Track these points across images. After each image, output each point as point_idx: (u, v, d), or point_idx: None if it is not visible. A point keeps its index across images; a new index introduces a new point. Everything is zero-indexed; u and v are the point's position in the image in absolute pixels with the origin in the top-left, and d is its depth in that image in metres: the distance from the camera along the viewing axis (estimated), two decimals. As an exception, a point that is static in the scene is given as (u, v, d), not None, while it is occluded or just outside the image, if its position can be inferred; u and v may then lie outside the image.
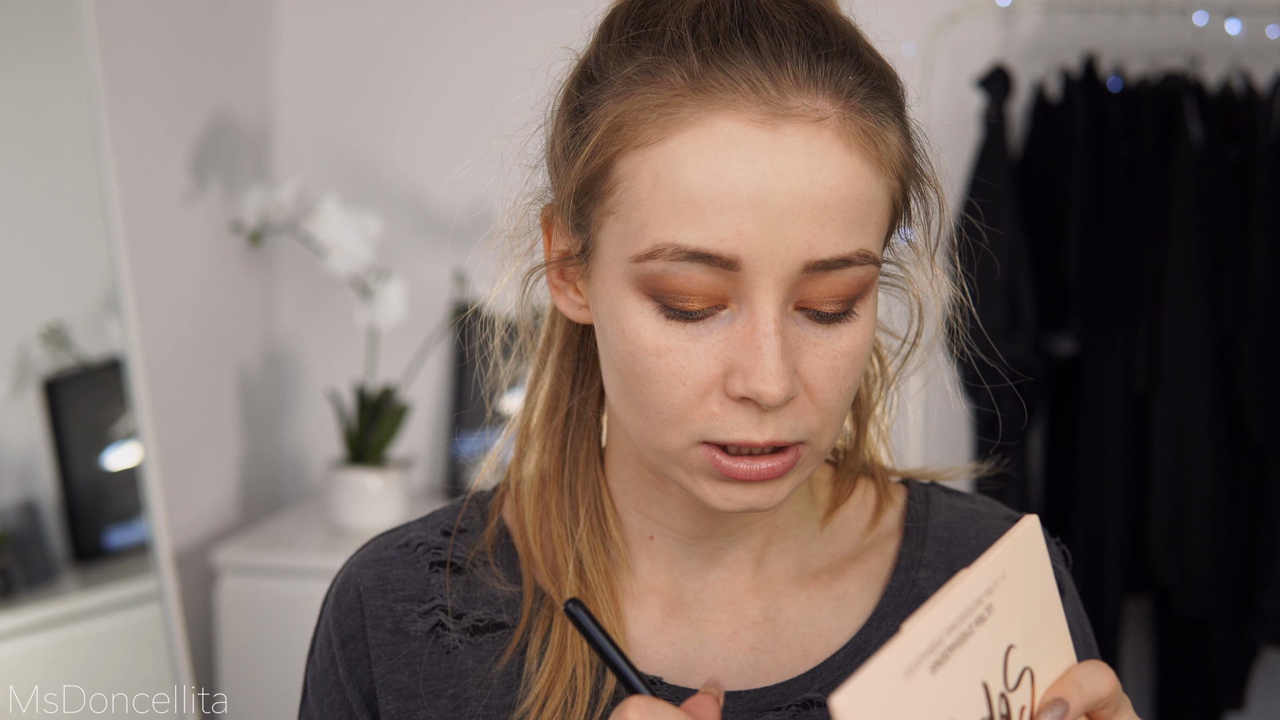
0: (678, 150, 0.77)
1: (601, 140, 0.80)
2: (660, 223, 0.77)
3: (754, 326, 0.78)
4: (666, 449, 0.81)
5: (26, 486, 1.95)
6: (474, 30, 2.68)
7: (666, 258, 0.77)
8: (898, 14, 2.58)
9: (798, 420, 0.80)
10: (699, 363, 0.79)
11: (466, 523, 0.96)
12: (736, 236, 0.76)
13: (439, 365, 2.69)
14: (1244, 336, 2.37)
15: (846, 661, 0.90)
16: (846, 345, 0.80)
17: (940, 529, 0.95)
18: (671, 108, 0.78)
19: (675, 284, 0.78)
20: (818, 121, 0.77)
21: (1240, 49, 2.46)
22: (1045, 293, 2.42)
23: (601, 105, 0.81)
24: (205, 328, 2.47)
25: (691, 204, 0.77)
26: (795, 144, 0.77)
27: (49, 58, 1.98)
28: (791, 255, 0.77)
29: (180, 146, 2.37)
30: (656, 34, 0.80)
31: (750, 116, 0.77)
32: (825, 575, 0.93)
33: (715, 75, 0.77)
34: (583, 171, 0.81)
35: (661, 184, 0.78)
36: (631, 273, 0.79)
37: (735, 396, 0.78)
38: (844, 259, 0.78)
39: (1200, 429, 2.37)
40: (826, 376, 0.80)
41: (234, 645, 2.30)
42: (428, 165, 2.68)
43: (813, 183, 0.76)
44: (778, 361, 0.77)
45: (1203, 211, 2.36)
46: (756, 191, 0.76)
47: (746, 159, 0.76)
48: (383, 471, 2.38)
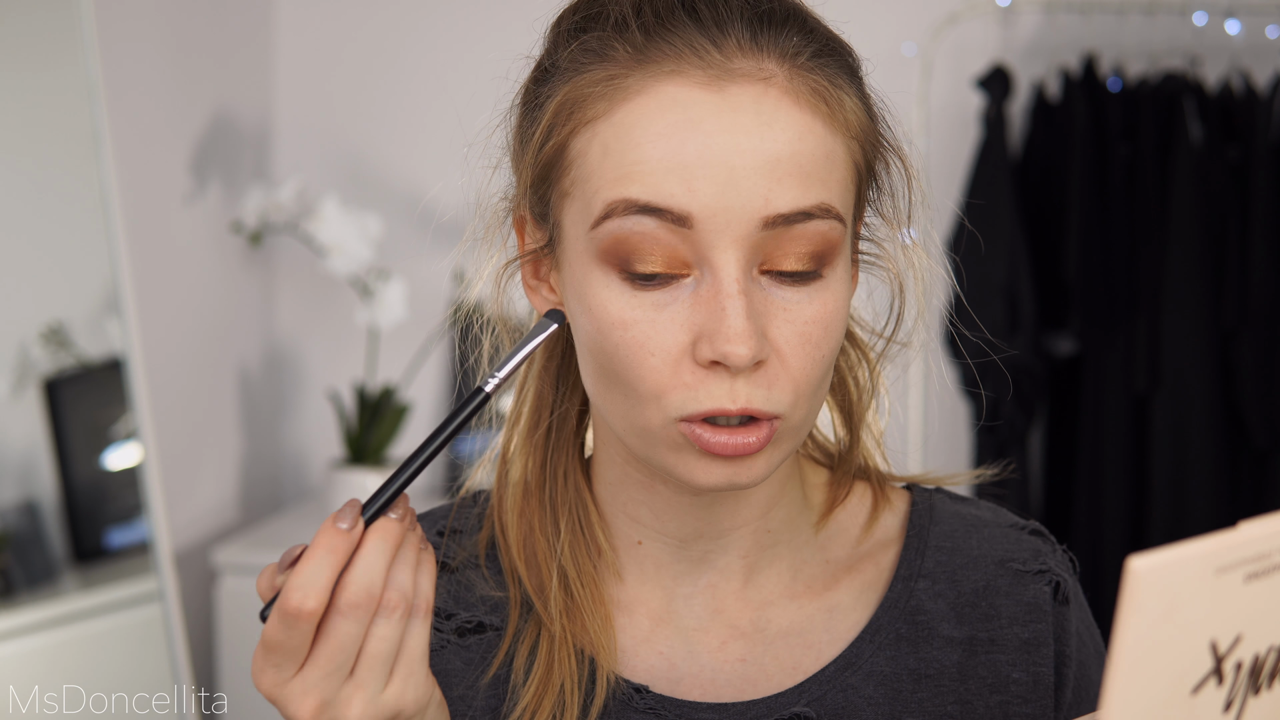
0: (624, 119, 0.78)
1: (552, 122, 0.80)
2: (611, 185, 0.78)
3: (717, 288, 0.77)
4: (647, 427, 0.80)
5: (27, 486, 1.95)
6: (474, 30, 2.68)
7: (620, 214, 0.77)
8: (898, 14, 2.58)
9: (770, 389, 0.78)
10: (665, 331, 0.78)
11: (460, 524, 0.95)
12: (688, 193, 0.76)
13: (439, 365, 2.69)
14: (1244, 337, 2.37)
15: (836, 676, 0.88)
16: (818, 311, 0.79)
17: (942, 538, 0.93)
18: (617, 79, 0.78)
19: (632, 241, 0.77)
20: (764, 80, 0.77)
21: (1240, 49, 2.46)
22: (1045, 293, 2.42)
23: (553, 92, 0.81)
24: (205, 328, 2.47)
25: (641, 164, 0.77)
26: (743, 102, 0.77)
27: (49, 57, 1.98)
28: (748, 211, 0.76)
29: (180, 146, 2.37)
30: (601, 16, 0.81)
31: (695, 80, 0.77)
32: (818, 585, 0.91)
33: (658, 45, 0.78)
34: (537, 157, 0.81)
35: (610, 152, 0.78)
36: (591, 244, 0.79)
37: (704, 363, 0.77)
38: (804, 212, 0.77)
39: (1200, 429, 2.37)
40: (799, 343, 0.79)
41: (234, 645, 2.30)
42: (428, 166, 2.68)
43: (763, 138, 0.76)
44: (743, 321, 0.76)
45: (1202, 212, 2.36)
46: (705, 149, 0.76)
47: (692, 119, 0.76)
48: (383, 471, 2.38)
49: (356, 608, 0.71)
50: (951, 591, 0.91)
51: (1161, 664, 0.59)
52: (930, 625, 0.90)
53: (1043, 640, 0.91)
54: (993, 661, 0.90)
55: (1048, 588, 0.92)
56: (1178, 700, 0.60)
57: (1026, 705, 0.90)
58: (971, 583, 0.92)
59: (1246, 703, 0.63)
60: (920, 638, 0.90)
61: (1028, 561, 0.93)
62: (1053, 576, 0.92)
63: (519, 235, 0.88)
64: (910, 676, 0.89)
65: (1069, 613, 0.93)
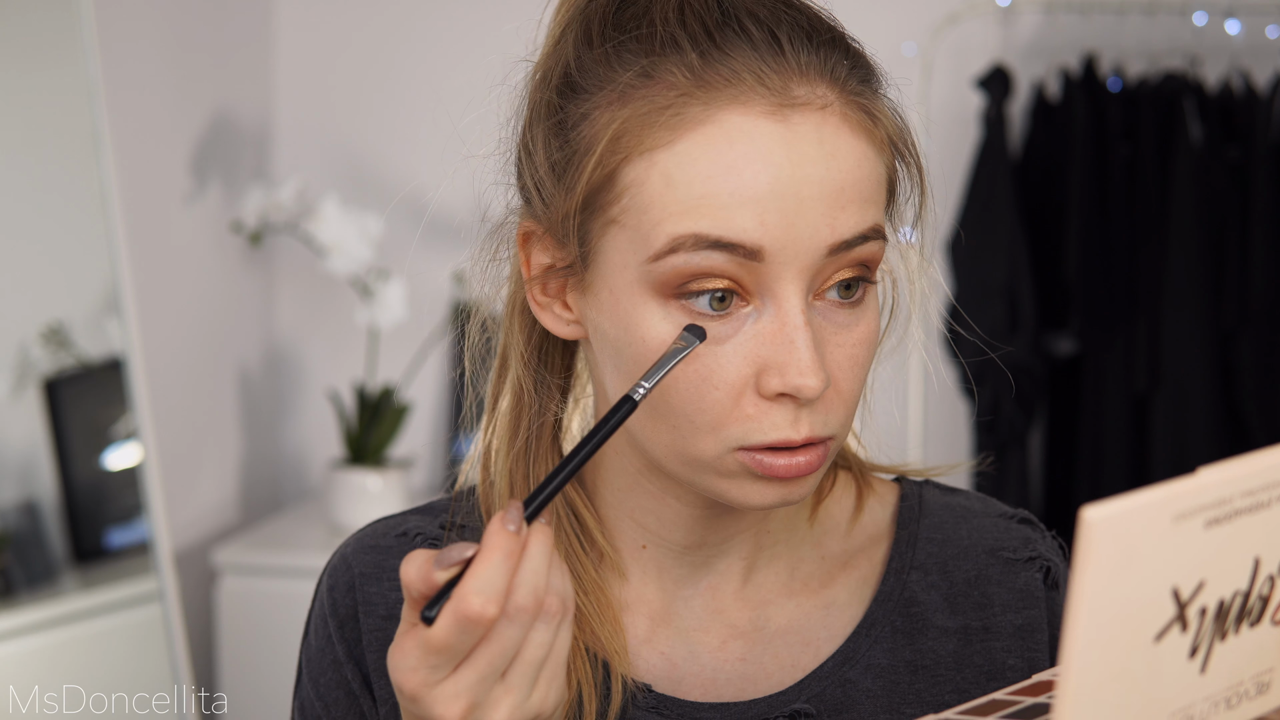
0: (690, 150, 0.76)
1: (605, 151, 0.78)
2: (677, 218, 0.76)
3: (783, 320, 0.77)
4: (700, 458, 0.79)
5: (27, 486, 1.95)
6: (474, 29, 2.68)
7: (688, 249, 0.76)
8: (898, 14, 2.58)
9: (828, 414, 0.79)
10: (729, 364, 0.77)
11: (464, 519, 0.94)
12: (760, 227, 0.75)
13: (439, 365, 2.69)
14: (1244, 336, 2.37)
15: (835, 671, 0.88)
16: (863, 332, 0.80)
17: (932, 530, 0.94)
18: (677, 108, 0.76)
19: (699, 275, 0.76)
20: (823, 109, 0.77)
21: (1240, 49, 2.46)
22: (1045, 293, 2.42)
23: (595, 116, 0.79)
24: (205, 328, 2.47)
25: (709, 199, 0.76)
26: (806, 132, 0.77)
27: (49, 57, 1.98)
28: (816, 241, 0.76)
29: (180, 146, 2.37)
30: (645, 35, 0.78)
31: (759, 109, 0.76)
32: (814, 582, 0.91)
33: (717, 69, 0.76)
34: (586, 186, 0.79)
35: (675, 184, 0.76)
36: (649, 275, 0.77)
37: (771, 395, 0.77)
38: (863, 235, 0.78)
39: (1200, 429, 2.37)
40: (849, 366, 0.80)
41: (234, 645, 2.30)
42: (428, 166, 2.67)
43: (829, 168, 0.77)
44: (811, 353, 0.76)
45: (1202, 212, 2.36)
46: (775, 182, 0.76)
47: (760, 151, 0.76)
48: (383, 472, 2.38)
49: (523, 611, 0.70)
50: (944, 582, 0.92)
51: (1121, 612, 0.57)
52: (924, 616, 0.91)
53: (1036, 626, 0.91)
54: (988, 649, 0.90)
55: (1039, 574, 0.92)
56: (1140, 649, 0.59)
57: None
58: (963, 573, 0.92)
59: (1213, 648, 0.62)
60: (915, 629, 0.90)
61: (1018, 549, 0.93)
62: (1043, 562, 0.93)
63: (522, 251, 0.85)
64: (907, 668, 0.89)
65: (1060, 597, 0.93)
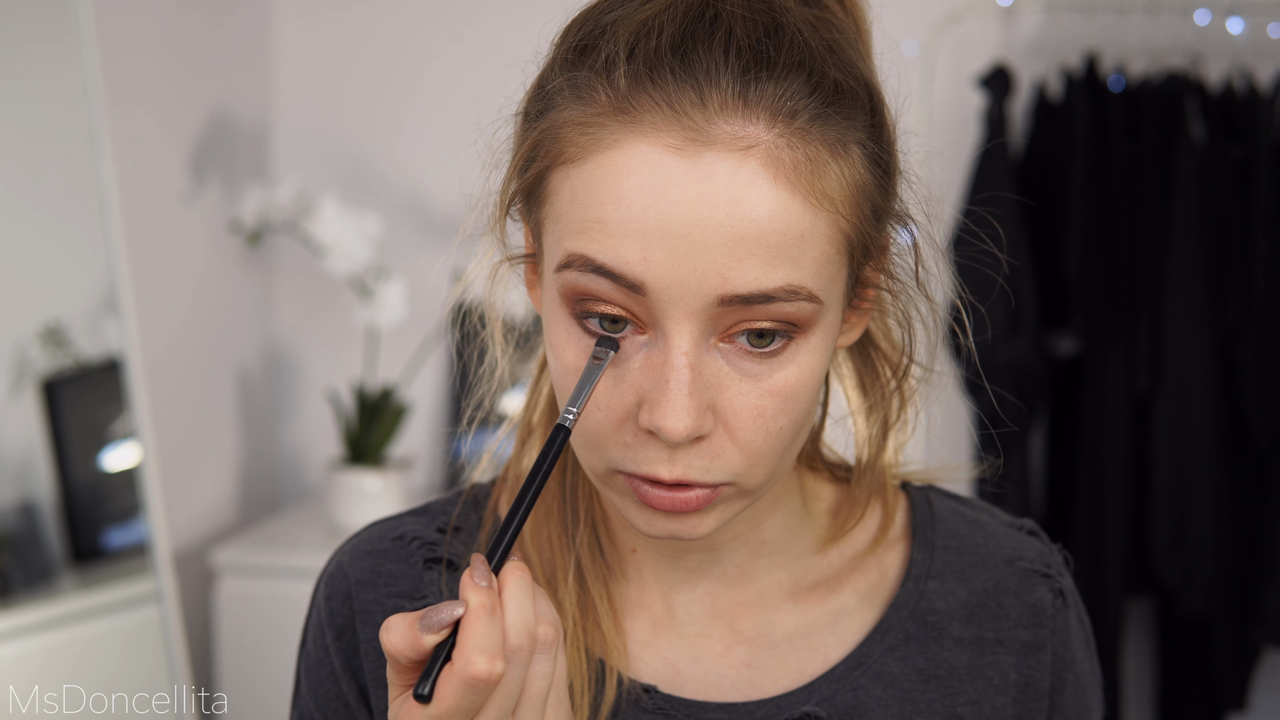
0: (594, 171, 0.75)
1: (532, 152, 0.79)
2: (573, 236, 0.76)
3: (665, 358, 0.75)
4: (593, 470, 0.80)
5: (25, 487, 1.94)
6: (474, 29, 2.68)
7: (577, 268, 0.75)
8: (898, 14, 2.57)
9: (713, 461, 0.77)
10: (613, 389, 0.77)
11: (462, 521, 0.94)
12: (643, 262, 0.73)
13: (439, 365, 2.69)
14: (1246, 336, 2.37)
15: (845, 675, 0.88)
16: (778, 384, 0.77)
17: (948, 537, 0.93)
18: (593, 128, 0.75)
19: (589, 296, 0.76)
20: (744, 150, 0.73)
21: (1242, 48, 2.45)
22: (1046, 293, 2.41)
23: (542, 116, 0.79)
24: (204, 328, 2.46)
25: (600, 224, 0.74)
26: (715, 172, 0.73)
27: (48, 57, 1.98)
28: (704, 288, 0.73)
29: (179, 146, 2.37)
30: (594, 50, 0.77)
31: (668, 142, 0.73)
32: (821, 589, 0.91)
33: (639, 97, 0.74)
34: (521, 179, 0.80)
35: (577, 202, 0.76)
36: (555, 283, 0.78)
37: (644, 427, 0.76)
38: (764, 294, 0.74)
39: (1202, 429, 2.37)
40: (750, 416, 0.77)
41: (233, 645, 2.29)
42: (428, 165, 2.67)
43: (729, 215, 0.73)
44: (683, 398, 0.74)
45: (1204, 211, 2.36)
46: (665, 220, 0.73)
47: (658, 185, 0.73)
48: (382, 471, 2.37)
49: (520, 650, 0.72)
50: (962, 590, 0.91)
51: None
52: (941, 626, 0.90)
53: (1039, 645, 0.91)
54: (998, 662, 0.90)
55: (1050, 593, 0.92)
56: None
57: (1015, 707, 0.90)
58: (981, 581, 0.92)
59: None
60: (930, 638, 0.90)
61: (1034, 560, 0.93)
62: (1056, 582, 0.93)
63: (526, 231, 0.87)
64: (920, 677, 0.89)
65: (1069, 615, 0.93)
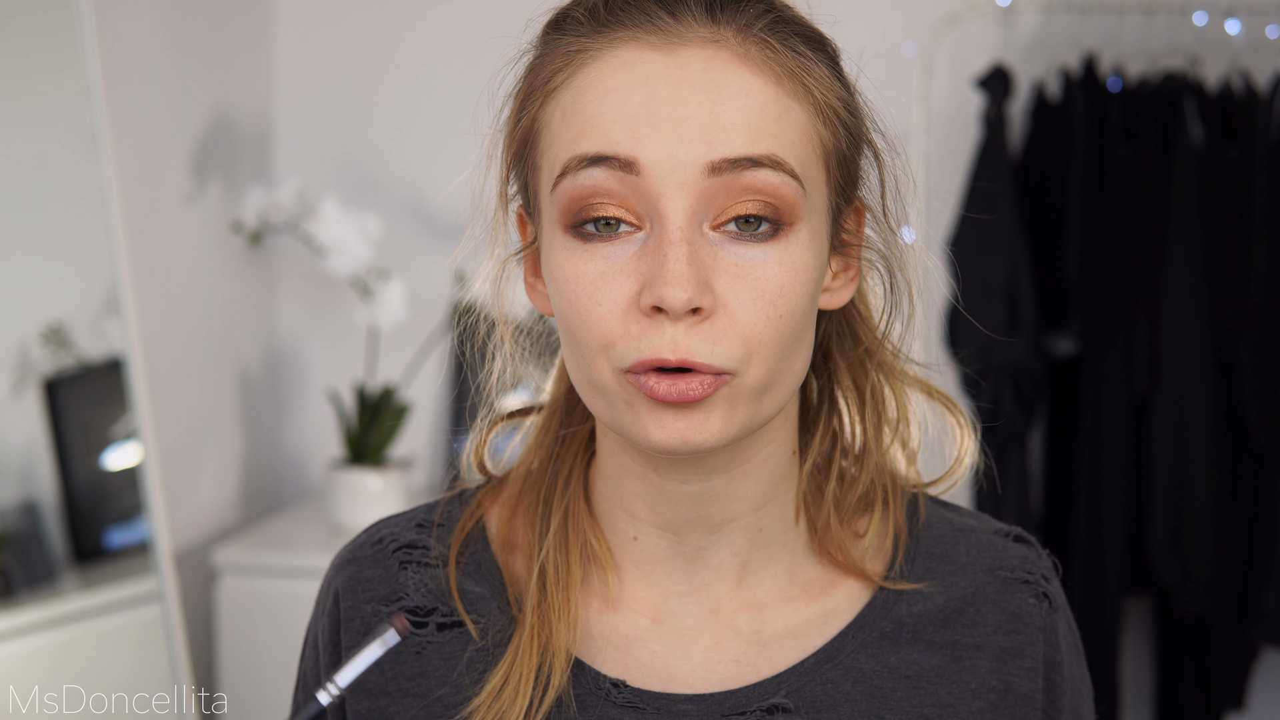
0: (581, 83, 0.81)
1: (524, 100, 0.84)
2: (567, 145, 0.80)
3: (661, 236, 0.78)
4: (603, 384, 0.81)
5: (26, 486, 1.95)
6: (474, 29, 2.68)
7: (573, 169, 0.79)
8: (898, 14, 2.59)
9: (715, 344, 0.78)
10: (613, 281, 0.79)
11: (445, 518, 0.95)
12: (632, 139, 0.78)
13: (439, 365, 2.69)
14: (1244, 336, 2.37)
15: (816, 669, 0.89)
16: (774, 272, 0.79)
17: (932, 544, 0.94)
18: (576, 48, 0.81)
19: (585, 195, 0.79)
20: (715, 43, 0.80)
21: (1240, 49, 2.46)
22: (1045, 292, 2.42)
23: (529, 70, 0.85)
24: (205, 328, 2.47)
25: (591, 121, 0.79)
26: (692, 62, 0.79)
27: (48, 56, 1.98)
28: (692, 156, 0.78)
29: (180, 146, 2.37)
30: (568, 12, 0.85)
31: (648, 44, 0.80)
32: (814, 589, 0.91)
33: (617, 17, 0.81)
34: (513, 136, 0.85)
35: (568, 117, 0.81)
36: (553, 208, 0.81)
37: (646, 310, 0.78)
38: (750, 158, 0.78)
39: (1200, 428, 2.37)
40: (750, 298, 0.79)
41: (234, 645, 2.30)
42: (428, 165, 2.68)
43: (709, 94, 0.78)
44: (681, 265, 0.77)
45: (1203, 211, 2.36)
46: (649, 102, 0.78)
47: (639, 77, 0.79)
48: (383, 471, 2.38)
49: None
50: (941, 596, 0.92)
51: None
52: (916, 629, 0.91)
53: (1020, 651, 0.91)
54: (975, 667, 0.90)
55: (1033, 598, 0.92)
56: None
57: (994, 713, 0.90)
58: (960, 589, 0.92)
59: None
60: (904, 639, 0.90)
61: (1015, 569, 0.93)
62: (1041, 587, 0.93)
63: (521, 232, 0.89)
64: (891, 675, 0.89)
65: (1058, 619, 0.93)
